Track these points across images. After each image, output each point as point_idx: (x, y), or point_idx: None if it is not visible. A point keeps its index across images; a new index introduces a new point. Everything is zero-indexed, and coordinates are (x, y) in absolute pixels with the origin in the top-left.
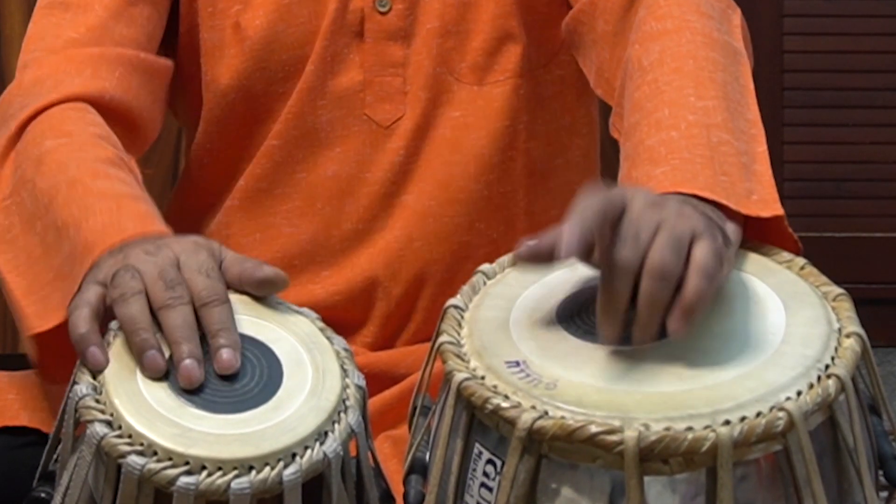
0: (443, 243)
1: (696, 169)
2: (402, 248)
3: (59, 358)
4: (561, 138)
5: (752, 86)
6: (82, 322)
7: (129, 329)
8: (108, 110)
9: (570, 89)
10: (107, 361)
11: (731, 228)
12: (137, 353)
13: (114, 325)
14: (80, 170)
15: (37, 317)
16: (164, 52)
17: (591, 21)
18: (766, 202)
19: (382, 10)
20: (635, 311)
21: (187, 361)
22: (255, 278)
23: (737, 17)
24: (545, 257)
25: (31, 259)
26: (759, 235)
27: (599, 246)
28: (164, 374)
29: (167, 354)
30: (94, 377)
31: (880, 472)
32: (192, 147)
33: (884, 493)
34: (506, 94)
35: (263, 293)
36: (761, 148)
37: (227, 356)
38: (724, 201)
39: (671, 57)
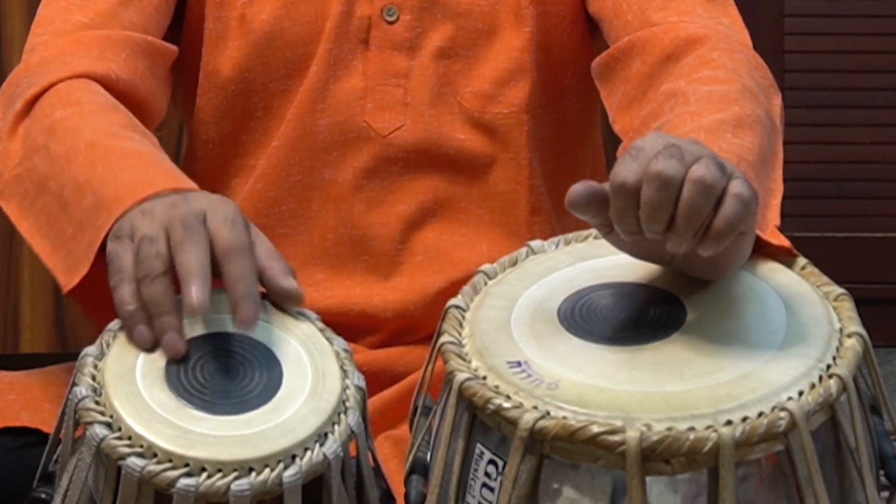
0: (444, 258)
1: None
2: (403, 261)
3: (99, 304)
4: (564, 178)
5: (781, 156)
6: (129, 298)
7: (152, 310)
8: (115, 90)
9: (573, 133)
10: (154, 341)
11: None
12: (158, 335)
13: (113, 325)
14: (96, 133)
15: (64, 273)
16: (168, 40)
17: (627, 59)
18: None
19: (390, 19)
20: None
21: (194, 296)
22: (279, 285)
23: (778, 98)
24: (597, 201)
25: (50, 218)
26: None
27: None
28: (183, 357)
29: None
30: (94, 378)
31: (881, 473)
32: (188, 140)
33: (885, 493)
34: (510, 127)
35: (278, 300)
36: (776, 200)
37: (246, 309)
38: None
39: (719, 98)
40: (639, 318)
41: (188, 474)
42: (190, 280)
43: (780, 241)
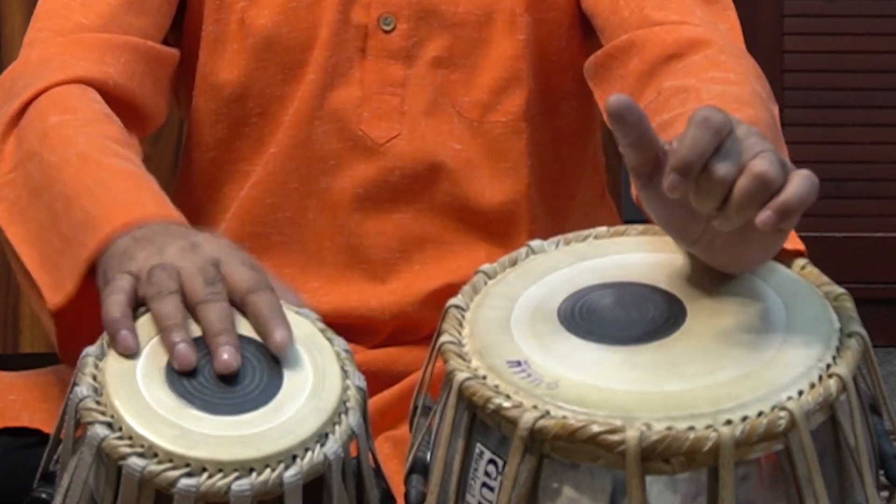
0: (441, 264)
1: None
2: (400, 269)
3: (77, 339)
4: (565, 185)
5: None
6: (116, 307)
7: (162, 325)
8: (112, 96)
9: (572, 139)
10: (137, 346)
11: None
12: (169, 349)
13: None
14: (89, 145)
15: (50, 288)
16: (169, 42)
17: (624, 57)
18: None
19: (386, 28)
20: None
21: (225, 352)
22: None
23: (776, 109)
24: (633, 120)
25: (40, 228)
26: None
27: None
28: (193, 370)
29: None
30: (95, 378)
31: (881, 472)
32: (185, 140)
33: (884, 493)
34: (507, 136)
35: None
36: None
37: (281, 333)
38: None
39: (733, 99)
40: (639, 318)
41: (189, 474)
42: (219, 341)
43: (796, 245)
